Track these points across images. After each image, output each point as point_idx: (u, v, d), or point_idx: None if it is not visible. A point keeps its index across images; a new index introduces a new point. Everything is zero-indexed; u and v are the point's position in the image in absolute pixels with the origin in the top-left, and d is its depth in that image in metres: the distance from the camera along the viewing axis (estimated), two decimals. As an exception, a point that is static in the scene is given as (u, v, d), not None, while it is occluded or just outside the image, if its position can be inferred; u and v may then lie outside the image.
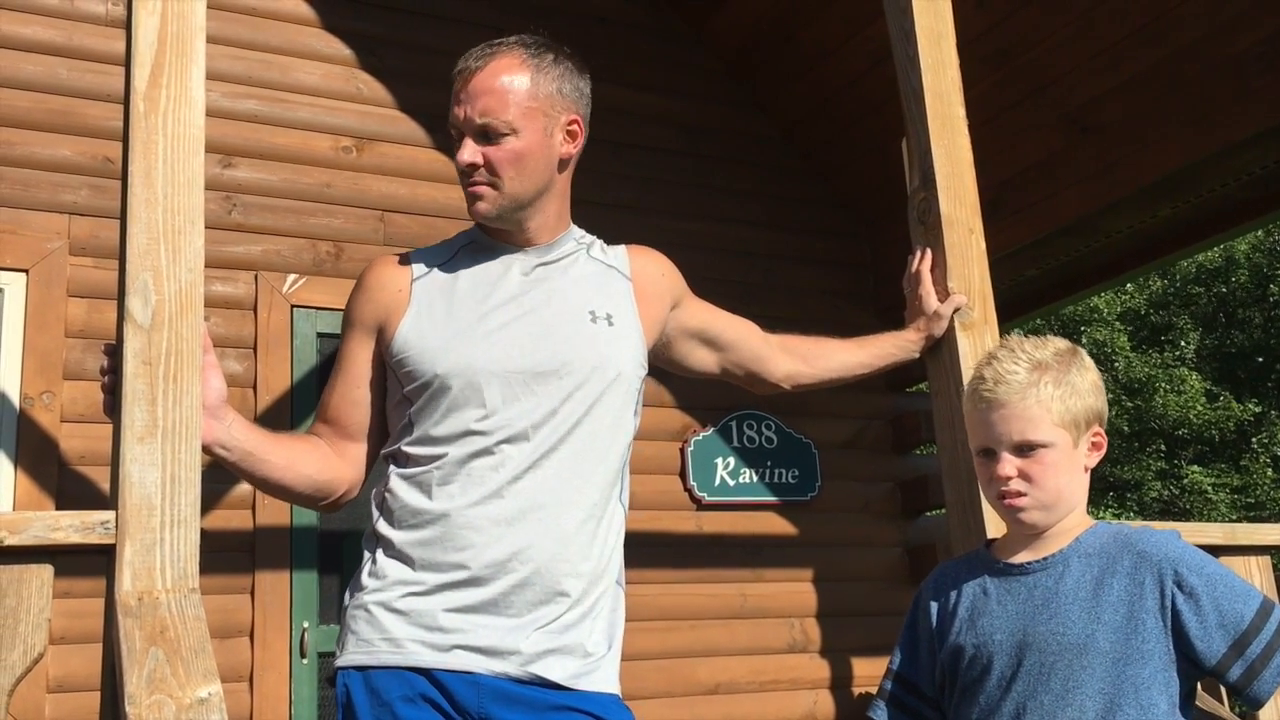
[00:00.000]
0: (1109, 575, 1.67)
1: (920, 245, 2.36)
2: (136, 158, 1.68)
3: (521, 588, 1.68)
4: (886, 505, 5.13)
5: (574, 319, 1.83)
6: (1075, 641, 1.63)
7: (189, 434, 1.61)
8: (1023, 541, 1.77)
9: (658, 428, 4.68)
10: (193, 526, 1.58)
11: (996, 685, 1.69)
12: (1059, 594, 1.68)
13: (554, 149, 1.84)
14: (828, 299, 5.13)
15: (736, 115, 5.27)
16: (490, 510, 1.70)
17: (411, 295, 1.82)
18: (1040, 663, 1.65)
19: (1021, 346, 1.78)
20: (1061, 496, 1.71)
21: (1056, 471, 1.70)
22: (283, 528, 3.96)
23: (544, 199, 1.86)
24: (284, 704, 3.81)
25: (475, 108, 1.79)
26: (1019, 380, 1.72)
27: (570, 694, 1.69)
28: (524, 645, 1.67)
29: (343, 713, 1.68)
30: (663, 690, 4.43)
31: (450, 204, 4.47)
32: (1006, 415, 1.71)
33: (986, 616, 1.74)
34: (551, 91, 1.83)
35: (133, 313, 1.62)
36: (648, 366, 1.94)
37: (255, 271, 4.12)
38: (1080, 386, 1.74)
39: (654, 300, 1.97)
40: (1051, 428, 1.70)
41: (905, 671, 1.86)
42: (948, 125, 2.33)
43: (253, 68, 4.30)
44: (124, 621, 1.46)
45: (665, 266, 2.04)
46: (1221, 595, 1.62)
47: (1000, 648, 1.70)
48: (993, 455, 1.73)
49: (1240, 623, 1.60)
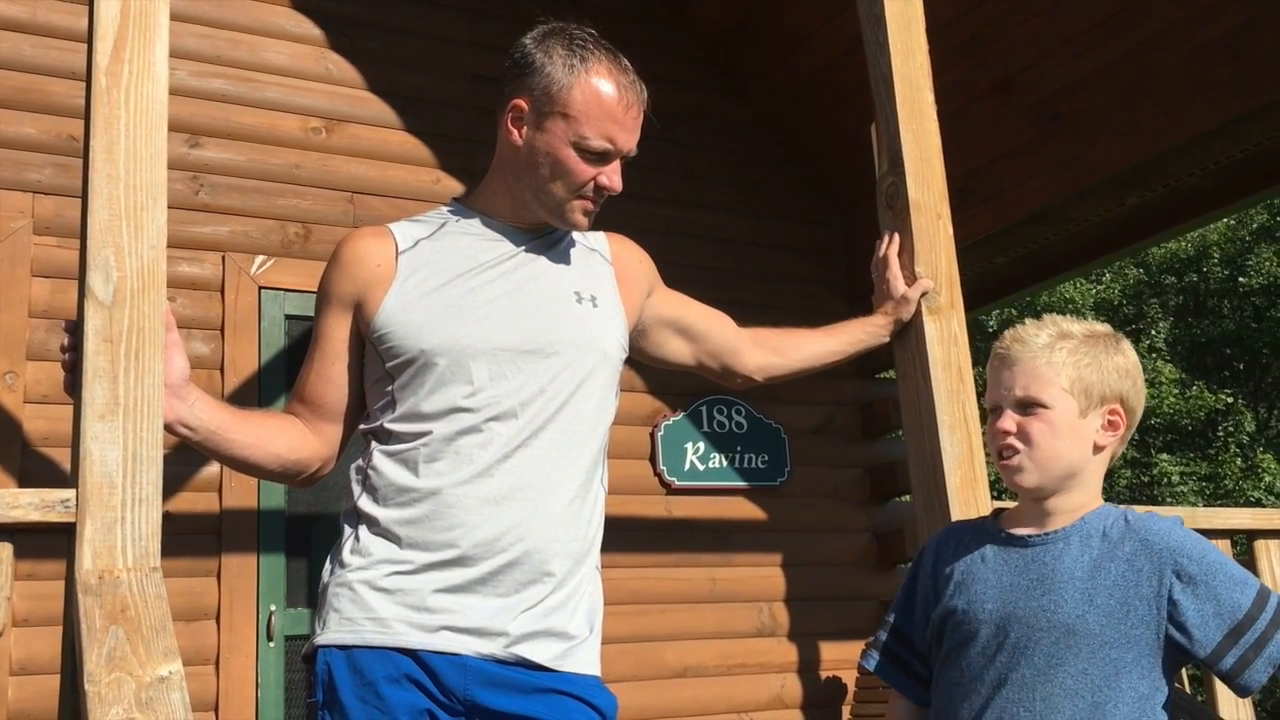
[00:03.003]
0: (1108, 559, 1.66)
1: (888, 230, 2.37)
2: (98, 133, 1.66)
3: (511, 567, 1.68)
4: (856, 490, 5.16)
5: (561, 298, 1.83)
6: (1065, 621, 1.64)
7: (151, 412, 1.60)
8: (1029, 514, 1.76)
9: (628, 412, 4.68)
10: (154, 505, 1.57)
11: (981, 653, 1.69)
12: (1056, 572, 1.68)
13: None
14: (802, 285, 5.14)
15: (714, 101, 5.27)
16: (479, 489, 1.69)
17: (396, 269, 1.80)
18: (1027, 636, 1.65)
19: (1056, 320, 1.79)
20: (1059, 461, 1.70)
21: (1054, 434, 1.69)
22: (250, 510, 3.93)
23: None
24: (250, 687, 3.79)
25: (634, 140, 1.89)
26: (1037, 342, 1.73)
27: (553, 675, 1.69)
28: (510, 627, 1.67)
29: (323, 692, 1.65)
30: (631, 674, 4.44)
31: (421, 186, 4.45)
32: (1015, 371, 1.72)
33: (980, 584, 1.73)
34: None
35: (94, 289, 1.60)
36: (627, 349, 1.95)
37: (223, 253, 4.09)
38: (1104, 363, 1.73)
39: (632, 286, 1.98)
40: (1058, 391, 1.70)
41: (900, 625, 1.87)
42: (916, 110, 2.34)
43: (221, 47, 4.26)
44: (84, 600, 1.45)
45: (641, 255, 2.05)
46: (1220, 584, 1.61)
47: (989, 616, 1.70)
48: (997, 412, 1.74)
49: (1237, 611, 1.60)
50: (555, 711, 1.68)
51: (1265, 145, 3.98)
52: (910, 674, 1.84)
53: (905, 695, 1.86)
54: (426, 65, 4.58)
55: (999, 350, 1.77)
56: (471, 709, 1.65)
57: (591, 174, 1.82)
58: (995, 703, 1.65)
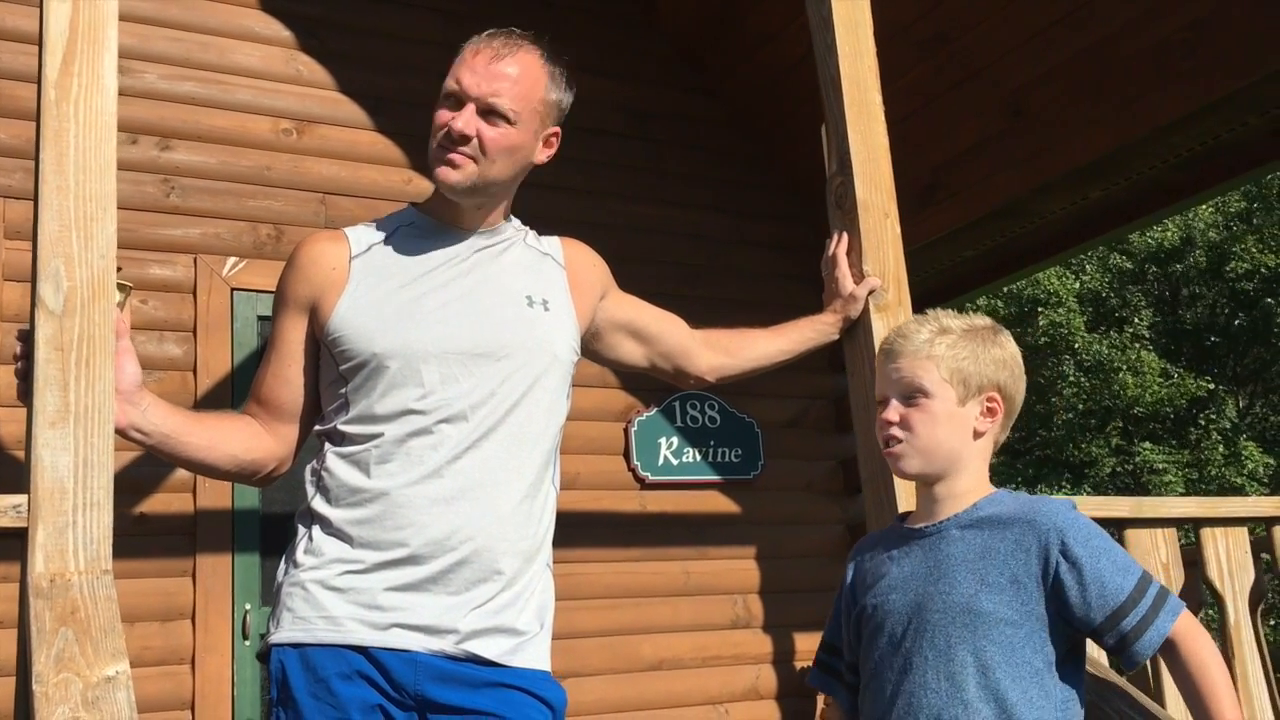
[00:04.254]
0: (997, 540, 1.75)
1: (837, 229, 2.42)
2: (48, 145, 1.69)
3: (460, 565, 1.72)
4: (829, 483, 5.21)
5: (512, 302, 1.86)
6: (960, 602, 1.72)
7: (102, 419, 1.63)
8: (924, 508, 1.86)
9: (601, 408, 4.72)
10: (105, 509, 1.60)
11: (888, 641, 1.78)
12: (949, 556, 1.77)
13: (534, 152, 1.91)
14: (775, 282, 5.18)
15: (686, 99, 5.31)
16: (429, 489, 1.73)
17: (349, 273, 1.83)
18: (927, 620, 1.74)
19: (937, 316, 1.88)
20: (940, 448, 1.79)
21: (934, 422, 1.79)
22: (224, 510, 3.96)
23: (504, 192, 1.93)
24: (226, 685, 3.83)
25: (490, 86, 1.83)
26: (918, 338, 1.83)
27: (502, 670, 1.73)
28: (460, 624, 1.71)
29: (277, 689, 1.69)
30: (606, 668, 4.49)
31: (392, 187, 4.48)
32: (899, 365, 1.82)
33: (886, 579, 1.83)
34: (552, 100, 1.91)
35: (44, 299, 1.64)
36: (579, 352, 1.98)
37: (194, 254, 4.11)
38: (981, 355, 1.83)
39: (585, 289, 2.02)
40: (937, 380, 1.79)
41: (830, 638, 1.97)
42: (864, 112, 2.38)
43: (190, 49, 4.28)
44: (35, 603, 1.48)
45: (595, 259, 2.09)
46: (1104, 568, 1.69)
47: (894, 606, 1.79)
48: (883, 403, 1.83)
49: (1119, 595, 1.68)
50: (505, 706, 1.71)
51: (1225, 138, 4.04)
52: (843, 683, 1.93)
53: (841, 704, 1.94)
54: (397, 66, 4.60)
55: (884, 346, 1.87)
56: (422, 704, 1.68)
57: (445, 119, 1.85)
58: (904, 687, 1.73)
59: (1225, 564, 2.50)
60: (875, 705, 1.79)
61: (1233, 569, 2.48)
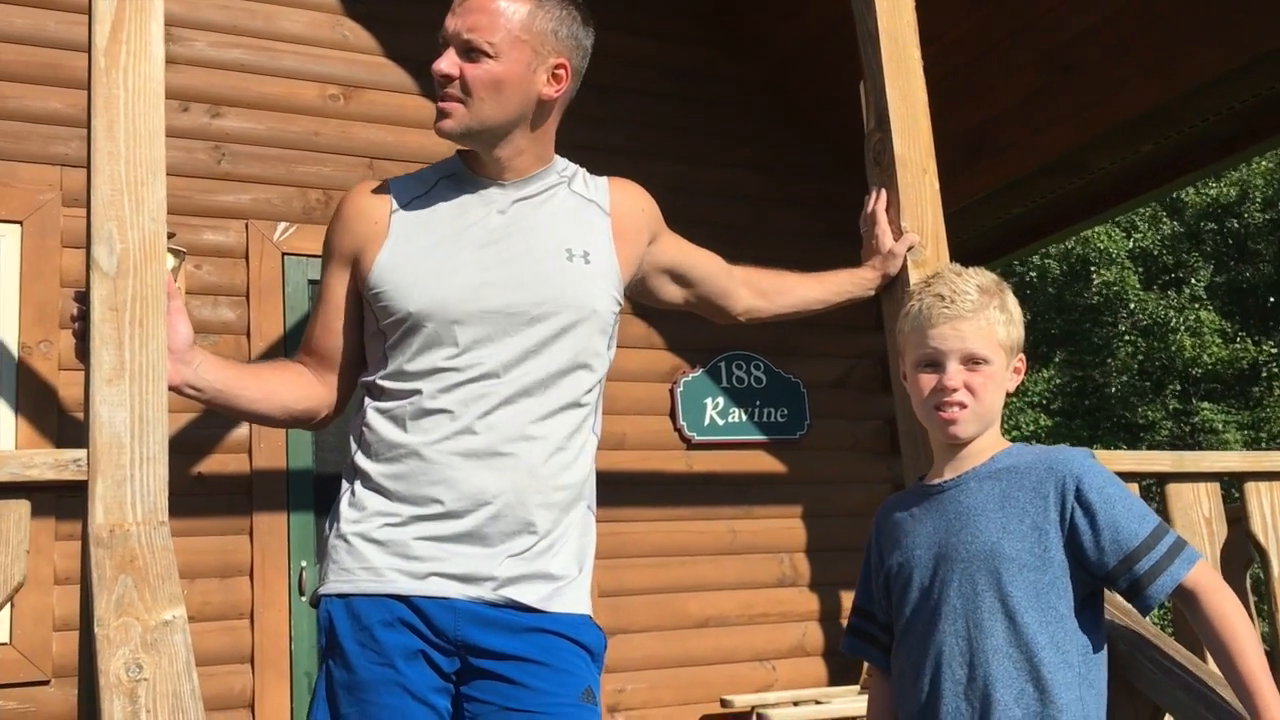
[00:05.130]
0: (1016, 489, 1.78)
1: (875, 186, 2.42)
2: (99, 112, 1.74)
3: (493, 520, 1.75)
4: (875, 442, 5.22)
5: (550, 256, 1.85)
6: (983, 550, 1.75)
7: (155, 376, 1.69)
8: (943, 464, 1.89)
9: (647, 369, 4.76)
10: (161, 463, 1.66)
11: (918, 592, 1.82)
12: (970, 507, 1.80)
13: (534, 86, 1.83)
14: (817, 240, 5.15)
15: (724, 59, 5.29)
16: (462, 445, 1.75)
17: (389, 227, 1.84)
18: (953, 570, 1.77)
19: (964, 273, 1.90)
20: (991, 411, 1.84)
21: (995, 387, 1.83)
22: (279, 470, 4.07)
23: (514, 132, 1.85)
24: (284, 639, 3.94)
25: (465, 22, 1.79)
26: (972, 299, 1.84)
27: (541, 615, 1.76)
28: (497, 571, 1.74)
29: (325, 637, 1.75)
30: (654, 624, 4.55)
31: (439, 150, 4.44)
32: (961, 328, 1.82)
33: (910, 536, 1.86)
34: (545, 30, 1.83)
35: (99, 261, 1.70)
36: (622, 302, 1.97)
37: (246, 220, 4.19)
38: (1015, 316, 1.88)
39: (632, 236, 1.98)
40: (995, 346, 1.83)
41: (861, 602, 2.00)
42: (902, 67, 2.37)
43: (238, 16, 4.34)
44: (95, 552, 1.55)
45: (644, 201, 2.04)
46: (1119, 514, 1.72)
47: (920, 560, 1.83)
48: (939, 367, 1.83)
49: (1132, 541, 1.71)
50: (543, 651, 1.74)
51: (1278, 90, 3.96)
52: (878, 645, 1.95)
53: (878, 666, 1.97)
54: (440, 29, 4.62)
55: (940, 308, 1.84)
56: (464, 648, 1.73)
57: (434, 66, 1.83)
58: (934, 637, 1.76)
59: (1270, 517, 2.49)
60: (908, 658, 1.82)
61: (1277, 523, 2.46)
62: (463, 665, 1.74)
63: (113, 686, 1.38)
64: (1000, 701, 1.68)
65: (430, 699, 1.71)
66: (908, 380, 1.91)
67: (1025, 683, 1.69)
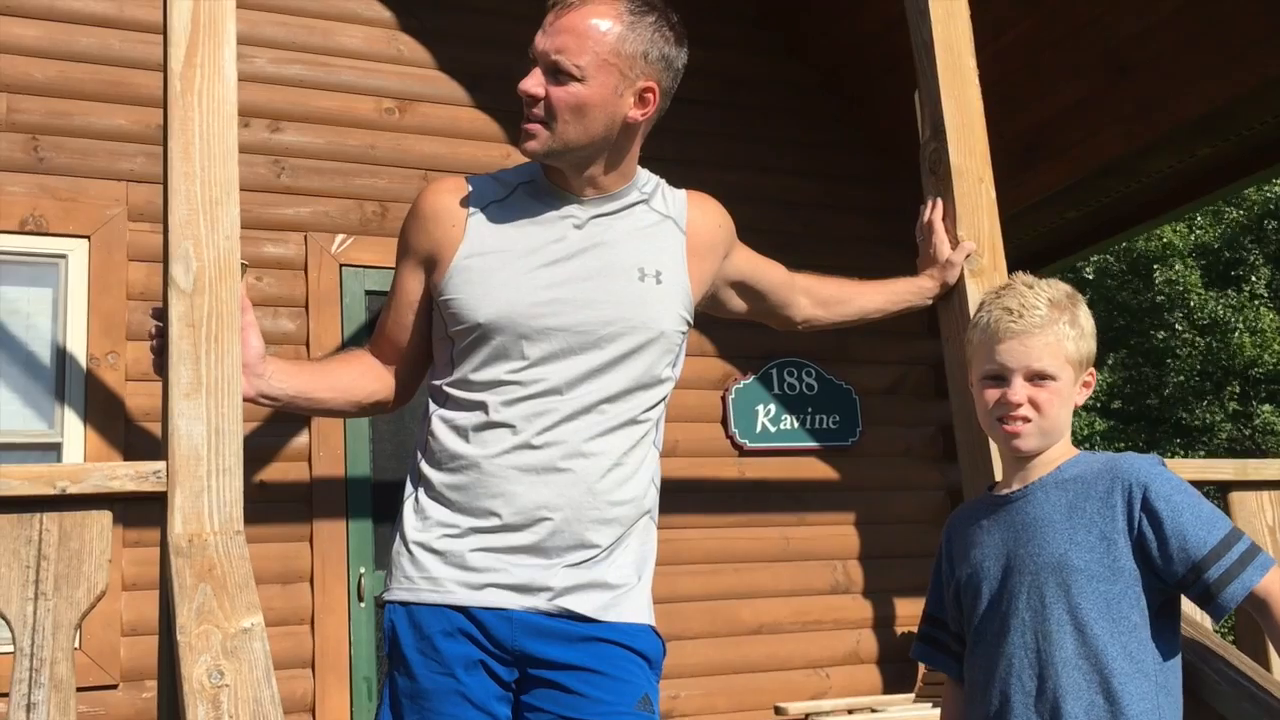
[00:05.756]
0: (1083, 499, 1.77)
1: (931, 195, 2.42)
2: (175, 134, 1.80)
3: (552, 536, 1.77)
4: (928, 449, 5.19)
5: (622, 276, 1.85)
6: (1051, 561, 1.75)
7: (230, 390, 1.74)
8: (1011, 474, 1.88)
9: (699, 376, 4.78)
10: (236, 474, 1.71)
11: (987, 603, 1.82)
12: (1038, 518, 1.80)
13: (620, 109, 1.80)
14: (869, 246, 5.12)
15: (775, 64, 5.30)
16: (521, 460, 1.77)
17: (465, 232, 1.84)
18: (1021, 581, 1.77)
19: (1036, 285, 1.89)
20: (1057, 426, 1.83)
21: (1061, 403, 1.82)
22: (338, 479, 4.13)
23: (599, 154, 1.84)
24: (344, 645, 4.01)
25: (554, 42, 1.77)
26: (1040, 314, 1.83)
27: (599, 625, 1.77)
28: (553, 581, 1.76)
29: (389, 645, 1.79)
30: (707, 631, 4.57)
31: (491, 162, 4.57)
32: (1028, 344, 1.81)
33: (980, 547, 1.86)
34: (635, 53, 1.79)
35: (176, 279, 1.75)
36: (692, 320, 1.96)
37: (305, 232, 4.27)
38: (1087, 330, 1.86)
39: (707, 254, 1.98)
40: (1062, 363, 1.82)
41: (932, 610, 2.01)
42: (958, 76, 2.37)
43: (296, 33, 4.42)
44: (175, 561, 1.60)
45: (721, 217, 2.04)
46: (1187, 521, 1.71)
47: (988, 572, 1.82)
48: (1003, 381, 1.83)
49: (1201, 548, 1.69)
50: (600, 660, 1.76)
51: (1342, 89, 3.90)
52: (949, 653, 1.96)
53: (949, 675, 1.97)
54: (494, 42, 4.68)
55: (1007, 322, 1.83)
56: (521, 659, 1.75)
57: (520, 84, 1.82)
58: (1004, 649, 1.76)
59: (1336, 527, 2.45)
60: (979, 670, 1.82)
61: (1343, 531, 2.43)
62: (521, 675, 1.76)
63: (196, 692, 1.42)
64: (1069, 714, 1.68)
65: (491, 707, 1.74)
66: (974, 389, 1.90)
67: (1095, 694, 1.69)
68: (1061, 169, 4.64)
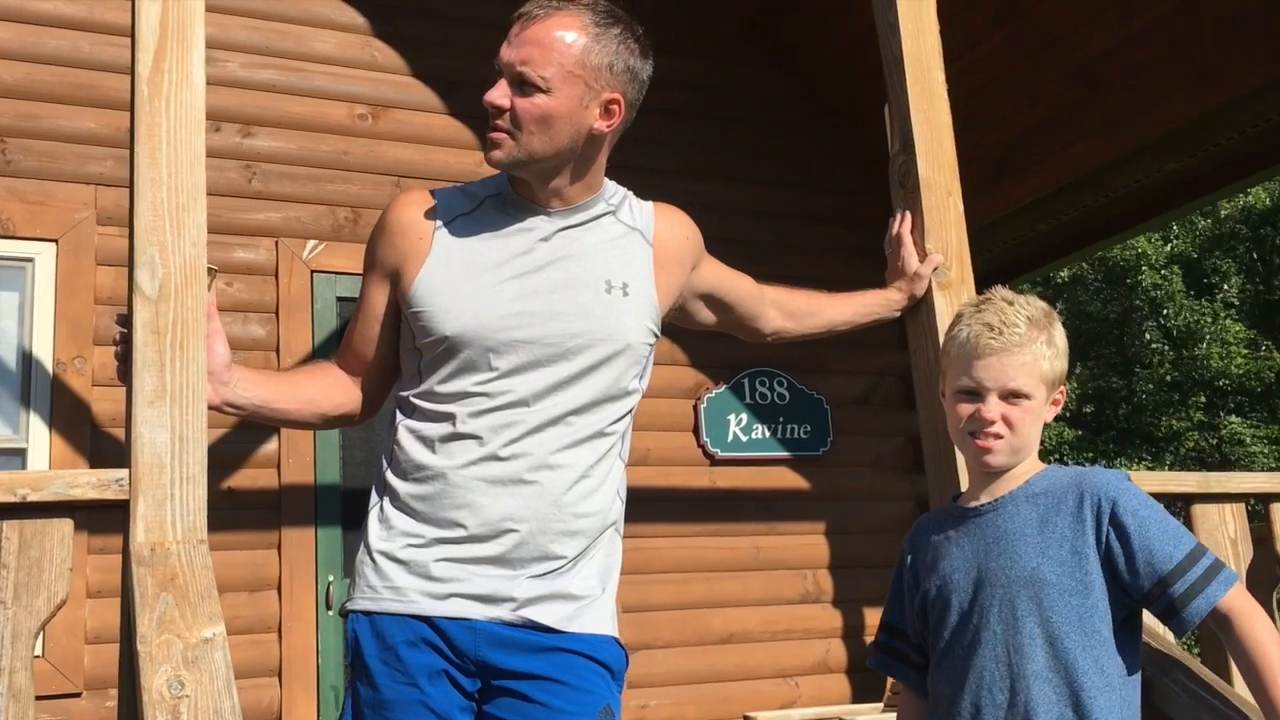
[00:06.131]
0: (1054, 513, 1.79)
1: (900, 208, 2.44)
2: (141, 139, 1.79)
3: (517, 547, 1.77)
4: (899, 459, 5.21)
5: (590, 288, 1.86)
6: (1023, 574, 1.76)
7: (195, 397, 1.73)
8: (979, 487, 1.89)
9: (671, 385, 4.78)
10: (200, 483, 1.70)
11: (957, 617, 1.82)
12: (1009, 532, 1.81)
13: (585, 120, 1.81)
14: (842, 257, 5.14)
15: (751, 75, 5.31)
16: (487, 471, 1.77)
17: (432, 245, 1.84)
18: (992, 595, 1.78)
19: (1016, 302, 1.89)
20: (1028, 443, 1.85)
21: (1033, 421, 1.84)
22: (307, 486, 4.11)
23: (565, 165, 1.84)
24: (311, 654, 3.98)
25: (520, 54, 1.77)
26: (1020, 333, 1.83)
27: (562, 636, 1.78)
28: (517, 592, 1.76)
29: (351, 654, 1.79)
30: (677, 640, 4.56)
31: (465, 170, 4.57)
32: (1006, 362, 1.82)
33: (947, 559, 1.87)
34: (600, 65, 1.80)
35: (141, 285, 1.74)
36: (659, 333, 1.97)
37: (276, 238, 4.25)
38: (1061, 348, 1.87)
39: (674, 266, 1.99)
40: (1037, 382, 1.83)
41: (892, 620, 2.01)
42: (927, 91, 2.40)
43: (268, 37, 4.40)
44: (137, 570, 1.59)
45: (687, 231, 2.04)
46: (1153, 536, 1.73)
47: (958, 585, 1.83)
48: (978, 397, 1.84)
49: (1167, 563, 1.71)
50: (562, 670, 1.76)
51: (1306, 107, 3.96)
52: (909, 664, 1.96)
53: (908, 685, 1.97)
54: (468, 49, 4.63)
55: (987, 338, 1.84)
56: (483, 669, 1.75)
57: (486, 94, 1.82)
58: (974, 661, 1.77)
59: (1296, 540, 2.49)
60: (946, 682, 1.82)
61: (1304, 545, 2.46)
62: (484, 685, 1.76)
63: (155, 703, 1.41)
64: None
65: (454, 717, 1.74)
66: (946, 400, 1.91)
67: (1065, 707, 1.70)
68: (1031, 182, 4.69)
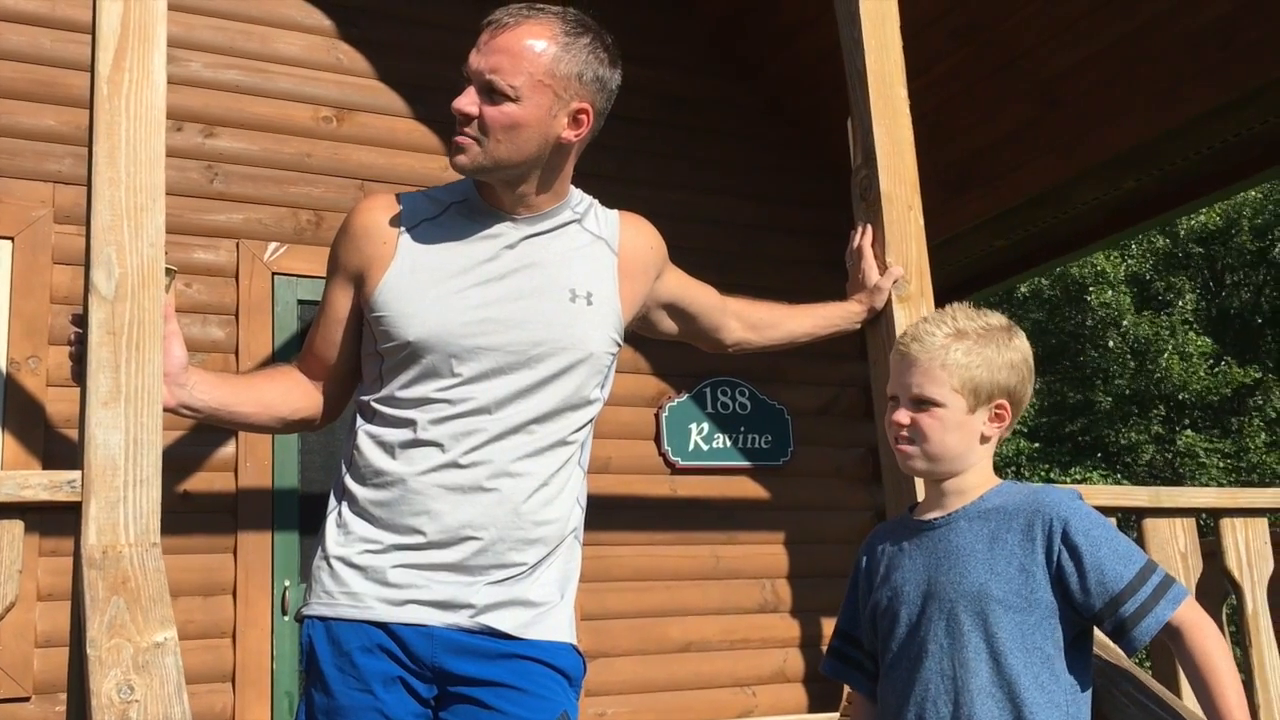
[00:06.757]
0: (1004, 530, 1.80)
1: (861, 221, 2.46)
2: (100, 138, 1.77)
3: (477, 554, 1.77)
4: (859, 470, 5.25)
5: (553, 297, 1.85)
6: (970, 590, 1.78)
7: (151, 399, 1.71)
8: (934, 501, 1.91)
9: (633, 393, 4.79)
10: (154, 485, 1.68)
11: (905, 629, 1.84)
12: (960, 547, 1.82)
13: (553, 129, 1.81)
14: (808, 268, 5.17)
15: (719, 86, 5.34)
16: (447, 478, 1.77)
17: (396, 250, 1.83)
18: (940, 608, 1.79)
19: (954, 314, 1.90)
20: (948, 452, 1.85)
21: (944, 429, 1.83)
22: (264, 489, 4.07)
23: (530, 173, 1.84)
24: (266, 659, 3.94)
25: (489, 62, 1.77)
26: (933, 342, 1.85)
27: (519, 642, 1.77)
28: (475, 598, 1.76)
29: (306, 660, 1.77)
30: (635, 649, 4.56)
31: (429, 174, 4.56)
32: (913, 370, 1.85)
33: (899, 570, 1.89)
34: (570, 74, 1.80)
35: (97, 285, 1.72)
36: (622, 342, 1.97)
37: (237, 240, 4.21)
38: (995, 361, 1.85)
39: (638, 275, 1.99)
40: (949, 391, 1.83)
41: (845, 626, 2.03)
42: (889, 106, 2.42)
43: (234, 38, 4.37)
44: (88, 573, 1.57)
45: (651, 241, 2.05)
46: (1104, 556, 1.74)
47: (908, 597, 1.85)
48: (896, 403, 1.88)
49: (1118, 582, 1.73)
50: (519, 677, 1.75)
51: (1259, 128, 4.04)
52: (861, 670, 1.98)
53: (860, 692, 1.99)
54: (435, 54, 4.66)
55: (900, 346, 1.90)
56: (440, 676, 1.74)
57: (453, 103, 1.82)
58: (920, 674, 1.79)
59: (1244, 554, 2.53)
60: (893, 694, 1.84)
61: (1252, 559, 2.50)
62: (440, 692, 1.75)
63: (105, 707, 1.40)
64: None
65: None
66: None
67: None
68: (992, 197, 4.74)
